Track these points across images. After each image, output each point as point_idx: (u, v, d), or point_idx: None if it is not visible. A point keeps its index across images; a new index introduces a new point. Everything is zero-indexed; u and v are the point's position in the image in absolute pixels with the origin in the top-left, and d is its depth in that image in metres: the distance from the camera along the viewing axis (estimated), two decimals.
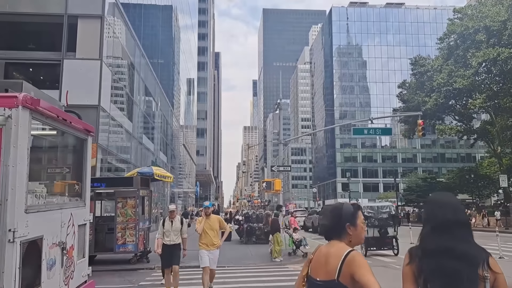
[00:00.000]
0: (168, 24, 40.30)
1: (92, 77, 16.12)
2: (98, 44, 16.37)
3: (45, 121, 3.91)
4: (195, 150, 72.90)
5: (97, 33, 16.46)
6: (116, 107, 19.65)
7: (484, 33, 35.46)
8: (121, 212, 12.37)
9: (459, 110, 43.63)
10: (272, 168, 18.23)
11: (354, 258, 2.08)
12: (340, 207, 2.32)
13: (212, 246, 7.93)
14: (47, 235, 3.85)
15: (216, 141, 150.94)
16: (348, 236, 2.26)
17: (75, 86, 15.88)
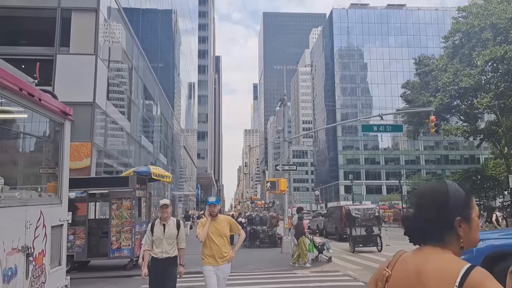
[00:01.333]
0: (169, 27, 39.84)
1: (87, 72, 15.33)
2: (93, 39, 15.59)
3: (2, 93, 3.07)
4: (196, 153, 72.10)
5: (91, 27, 15.68)
6: (113, 106, 18.85)
7: (491, 31, 34.70)
8: (115, 214, 11.52)
9: (465, 110, 42.84)
10: (276, 167, 17.35)
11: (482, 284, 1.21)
12: (444, 190, 1.42)
13: (221, 260, 5.48)
14: (3, 238, 3.00)
15: (217, 144, 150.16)
16: (457, 239, 1.39)
17: (69, 82, 15.11)
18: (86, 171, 14.41)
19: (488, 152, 64.08)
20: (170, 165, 38.86)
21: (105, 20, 17.15)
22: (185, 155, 52.30)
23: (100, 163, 16.33)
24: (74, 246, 11.40)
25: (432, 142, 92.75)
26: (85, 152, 14.75)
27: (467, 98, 41.11)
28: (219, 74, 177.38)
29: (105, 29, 17.33)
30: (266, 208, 18.99)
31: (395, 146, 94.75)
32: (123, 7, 22.46)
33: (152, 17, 32.38)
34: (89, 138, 15.00)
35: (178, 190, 46.26)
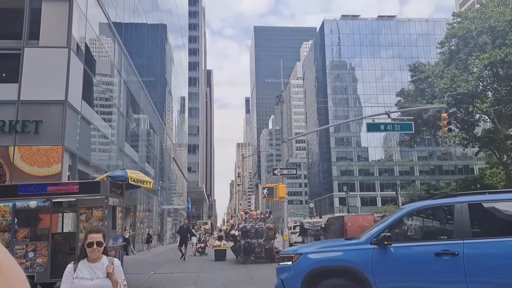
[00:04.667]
0: (160, 42, 38.83)
1: (58, 68, 13.63)
2: (66, 30, 13.93)
3: None
4: (187, 166, 70.14)
5: (64, 18, 14.03)
6: (91, 108, 17.09)
7: (489, 35, 33.78)
8: (84, 226, 9.69)
9: (462, 118, 41.79)
10: (274, 171, 15.72)
11: None
12: None
13: None
14: None
15: (209, 158, 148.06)
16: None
17: (38, 78, 13.40)
18: (56, 178, 12.59)
19: (483, 162, 63.22)
20: (159, 178, 36.99)
21: (81, 11, 15.54)
22: (175, 168, 50.40)
23: (74, 169, 14.50)
24: (35, 265, 9.55)
25: (426, 152, 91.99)
26: (55, 157, 12.96)
27: (464, 105, 40.05)
28: (211, 88, 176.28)
29: (81, 22, 15.70)
30: (262, 219, 17.19)
31: (387, 157, 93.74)
32: (113, 22, 21.36)
33: (143, 32, 31.33)
34: (60, 141, 13.22)
35: (168, 204, 44.21)
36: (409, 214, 6.14)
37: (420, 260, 5.49)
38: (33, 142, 13.15)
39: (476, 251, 5.30)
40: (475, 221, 5.65)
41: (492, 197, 6.33)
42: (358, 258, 5.65)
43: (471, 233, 5.48)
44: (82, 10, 15.98)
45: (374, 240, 5.65)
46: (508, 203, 5.86)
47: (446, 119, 17.01)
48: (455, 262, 5.24)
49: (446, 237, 5.80)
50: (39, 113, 13.34)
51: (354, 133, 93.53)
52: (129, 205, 23.52)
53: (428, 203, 6.36)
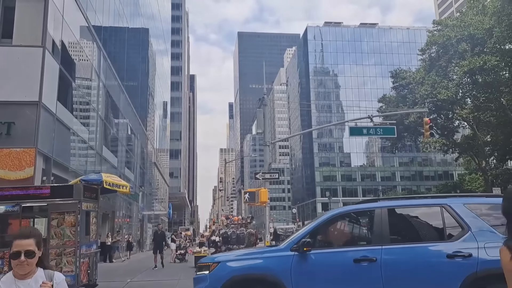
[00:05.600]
0: (142, 46, 38.44)
1: (32, 67, 13.13)
2: (41, 29, 13.45)
3: None
4: (168, 171, 69.28)
5: (39, 17, 13.56)
6: (67, 109, 16.56)
7: (468, 42, 34.36)
8: (55, 232, 9.24)
9: (442, 124, 42.40)
10: (256, 176, 15.46)
11: None
12: None
13: None
14: None
15: (192, 164, 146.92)
16: None
17: (10, 78, 12.87)
18: (28, 182, 12.06)
19: (462, 167, 64.31)
20: (140, 183, 36.33)
21: (58, 11, 15.07)
22: (156, 173, 49.68)
23: (48, 173, 13.96)
24: (2, 273, 9.03)
25: (407, 158, 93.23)
26: (28, 160, 12.43)
27: (444, 111, 40.63)
28: (194, 93, 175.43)
29: (57, 22, 15.23)
30: (244, 224, 16.86)
31: (369, 163, 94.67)
32: (94, 25, 21.03)
33: (124, 36, 30.94)
34: (32, 143, 12.70)
35: (149, 210, 43.47)
36: (331, 219, 6.00)
37: (339, 266, 5.35)
38: (5, 145, 12.61)
39: (393, 257, 5.20)
40: (394, 226, 5.59)
41: (411, 202, 6.31)
42: (277, 266, 5.47)
43: (390, 238, 5.41)
44: (59, 10, 15.53)
45: (294, 246, 5.48)
46: (424, 208, 5.84)
47: (428, 123, 17.09)
48: (373, 268, 5.14)
49: (366, 243, 5.73)
50: (11, 114, 12.81)
51: (337, 139, 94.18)
52: (107, 211, 22.91)
53: (350, 208, 6.28)
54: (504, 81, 34.20)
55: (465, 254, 4.97)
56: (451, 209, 5.40)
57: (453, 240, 5.21)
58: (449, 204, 5.49)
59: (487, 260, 4.92)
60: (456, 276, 4.93)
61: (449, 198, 5.99)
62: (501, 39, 31.28)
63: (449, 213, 5.39)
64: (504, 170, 45.84)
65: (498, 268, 4.72)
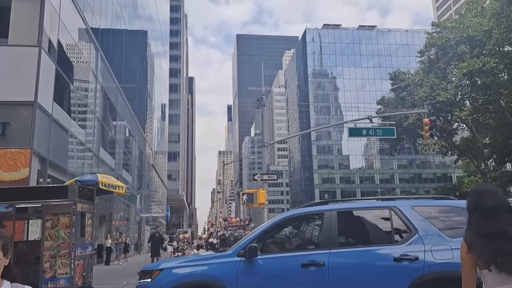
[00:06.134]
0: (140, 49, 38.37)
1: (28, 67, 12.99)
2: (37, 29, 13.32)
3: None
4: (167, 174, 69.08)
5: (35, 16, 13.43)
6: (63, 110, 16.41)
7: (467, 44, 34.32)
8: (50, 234, 9.07)
9: (441, 126, 42.34)
10: (254, 177, 15.31)
11: None
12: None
13: None
14: None
15: (190, 166, 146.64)
16: None
17: (6, 78, 12.71)
18: (23, 183, 11.91)
19: (461, 170, 64.27)
20: (138, 185, 36.14)
21: (54, 11, 14.94)
22: (154, 175, 49.49)
23: (44, 174, 13.79)
24: None
25: (406, 161, 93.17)
26: (23, 161, 12.27)
27: (443, 113, 40.57)
28: (193, 95, 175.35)
29: (53, 22, 15.10)
30: (242, 227, 16.70)
31: (368, 165, 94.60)
32: (92, 27, 20.94)
33: (123, 38, 30.87)
34: (28, 144, 12.54)
35: (147, 212, 43.25)
36: (280, 223, 5.82)
37: (287, 272, 5.20)
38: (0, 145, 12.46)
39: (340, 261, 5.09)
40: (343, 229, 5.49)
41: (360, 205, 6.23)
42: (222, 272, 5.27)
43: (338, 242, 5.32)
44: (56, 11, 15.41)
45: (241, 252, 5.30)
46: (373, 211, 5.74)
47: (428, 124, 16.99)
48: (321, 273, 5.02)
49: (315, 247, 5.58)
50: (6, 114, 12.67)
51: (336, 141, 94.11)
52: (104, 213, 22.73)
53: (299, 211, 6.13)
54: (503, 83, 34.15)
55: (412, 257, 4.91)
56: (400, 211, 5.32)
57: (401, 243, 5.14)
58: (398, 206, 5.41)
59: (433, 263, 4.88)
60: (403, 280, 4.86)
61: (399, 200, 5.93)
62: (500, 41, 31.25)
63: (397, 216, 5.31)
64: (503, 172, 45.77)
65: (444, 271, 4.79)
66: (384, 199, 6.78)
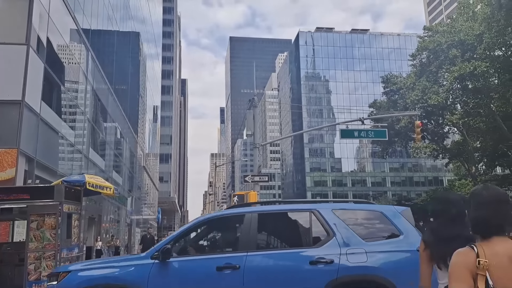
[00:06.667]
0: (133, 50, 38.21)
1: (15, 65, 12.75)
2: (26, 26, 13.09)
3: None
4: (158, 176, 68.66)
5: (24, 13, 13.21)
6: (52, 110, 16.17)
7: (459, 48, 34.60)
8: (35, 235, 8.88)
9: (432, 129, 42.62)
10: (245, 178, 15.12)
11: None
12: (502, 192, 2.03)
13: None
14: None
15: (182, 168, 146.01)
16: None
17: None
18: (10, 184, 11.63)
19: (452, 173, 64.71)
20: (128, 187, 35.83)
21: (43, 9, 14.74)
22: (145, 177, 49.14)
23: (31, 174, 13.54)
24: None
25: (397, 164, 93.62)
26: (9, 161, 12.02)
27: (434, 117, 40.84)
28: (185, 97, 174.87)
29: (43, 21, 14.89)
30: None
31: (360, 168, 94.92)
32: (84, 28, 20.72)
33: (115, 39, 30.64)
34: (15, 143, 12.30)
35: (138, 214, 42.91)
36: (198, 225, 5.75)
37: (201, 275, 5.07)
38: None
39: (256, 264, 5.01)
40: (263, 232, 5.43)
41: (281, 208, 6.21)
42: (133, 275, 5.06)
43: (257, 245, 5.26)
44: (45, 9, 15.21)
45: (155, 254, 5.12)
46: (294, 213, 5.71)
47: (419, 126, 17.01)
48: (236, 276, 4.93)
49: (232, 249, 5.48)
50: None
51: (328, 144, 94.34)
52: (93, 215, 22.44)
53: (219, 213, 6.09)
54: (493, 87, 34.45)
55: (327, 261, 4.90)
56: (320, 214, 5.30)
57: (318, 246, 5.11)
58: (318, 209, 5.39)
59: (347, 266, 4.88)
60: (317, 283, 4.85)
61: (320, 203, 5.94)
62: (490, 45, 31.51)
63: (317, 219, 5.29)
64: (493, 176, 46.17)
65: (358, 274, 4.90)
66: (306, 202, 6.77)
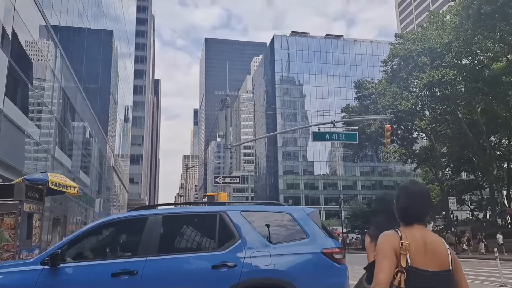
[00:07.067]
0: (104, 49, 37.36)
1: None
2: None
3: None
4: (128, 177, 67.39)
5: None
6: (16, 106, 15.57)
7: (428, 56, 35.57)
8: None
9: (402, 134, 43.63)
10: (216, 180, 14.94)
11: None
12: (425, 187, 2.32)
13: None
14: None
15: (154, 170, 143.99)
16: None
17: None
18: None
19: (420, 178, 66.37)
20: (96, 188, 34.96)
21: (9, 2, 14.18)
22: (115, 178, 48.12)
23: None
24: None
25: (368, 168, 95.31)
26: None
27: (404, 122, 41.82)
28: (159, 97, 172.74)
29: (8, 15, 14.33)
30: None
31: (332, 172, 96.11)
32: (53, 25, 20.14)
33: (86, 36, 29.87)
34: None
35: (106, 216, 41.90)
36: (96, 228, 5.38)
37: (94, 281, 4.75)
38: None
39: (156, 270, 4.78)
40: (166, 235, 5.16)
41: (189, 210, 6.01)
42: (18, 282, 4.66)
43: (158, 249, 4.95)
44: (12, 3, 14.66)
45: (45, 259, 4.74)
46: (201, 216, 5.50)
47: (389, 130, 17.33)
48: (133, 282, 4.66)
49: (132, 254, 5.14)
50: None
51: (301, 147, 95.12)
52: (58, 215, 21.73)
53: (120, 215, 5.74)
54: (460, 95, 35.60)
55: (230, 264, 4.75)
56: (228, 217, 5.14)
57: (223, 249, 4.93)
58: (226, 211, 5.23)
59: (251, 270, 4.75)
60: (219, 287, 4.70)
61: (229, 205, 5.81)
62: (458, 54, 32.56)
63: (225, 222, 5.12)
64: (458, 180, 47.69)
65: (261, 277, 4.82)
66: (216, 204, 6.60)
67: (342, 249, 5.21)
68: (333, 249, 5.04)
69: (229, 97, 18.19)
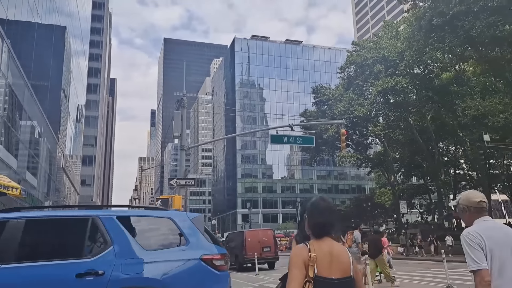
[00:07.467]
0: (56, 45, 35.80)
1: None
2: None
3: None
4: (80, 179, 64.82)
5: None
6: None
7: (383, 64, 36.73)
8: None
9: (357, 140, 44.82)
10: (170, 182, 14.53)
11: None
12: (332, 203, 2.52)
13: None
14: None
15: (108, 172, 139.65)
16: None
17: None
18: None
19: (373, 182, 68.52)
20: (44, 189, 33.28)
21: None
22: (65, 180, 46.10)
23: None
24: None
25: (324, 172, 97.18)
26: None
27: (359, 127, 42.96)
28: (114, 97, 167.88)
29: None
30: None
31: (290, 175, 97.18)
32: None
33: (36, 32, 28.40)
34: None
35: None
36: None
37: None
38: None
39: (12, 279, 4.33)
40: (28, 241, 4.70)
41: (59, 213, 5.61)
42: None
43: (17, 255, 4.50)
44: None
45: None
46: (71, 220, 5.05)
47: (345, 134, 17.67)
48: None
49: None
50: None
51: (260, 151, 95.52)
52: None
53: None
54: (412, 102, 37.05)
55: (98, 272, 4.43)
56: (101, 222, 4.84)
57: (91, 256, 4.61)
58: (100, 216, 4.92)
59: (120, 278, 4.49)
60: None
61: (106, 209, 5.60)
62: (411, 63, 33.84)
63: (96, 227, 4.82)
64: (409, 185, 49.56)
65: (132, 286, 4.56)
66: (90, 207, 6.24)
67: (225, 256, 5.03)
68: (214, 256, 4.88)
69: (188, 98, 17.83)
